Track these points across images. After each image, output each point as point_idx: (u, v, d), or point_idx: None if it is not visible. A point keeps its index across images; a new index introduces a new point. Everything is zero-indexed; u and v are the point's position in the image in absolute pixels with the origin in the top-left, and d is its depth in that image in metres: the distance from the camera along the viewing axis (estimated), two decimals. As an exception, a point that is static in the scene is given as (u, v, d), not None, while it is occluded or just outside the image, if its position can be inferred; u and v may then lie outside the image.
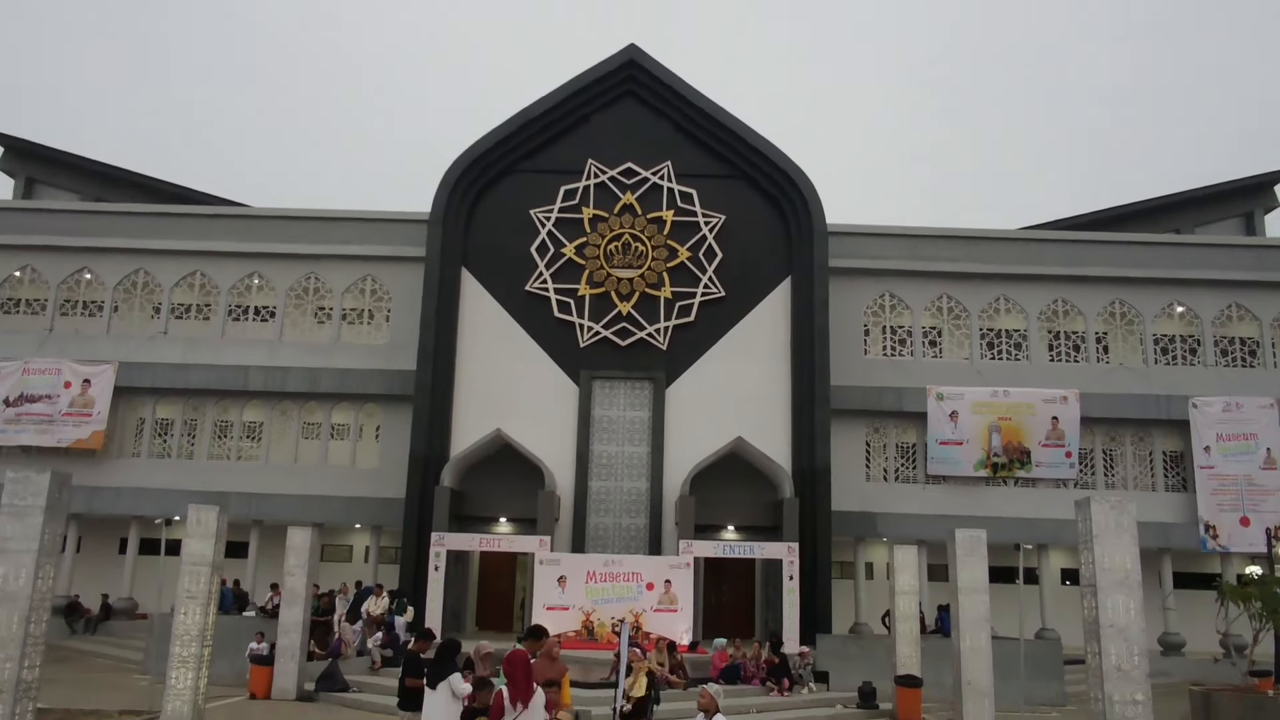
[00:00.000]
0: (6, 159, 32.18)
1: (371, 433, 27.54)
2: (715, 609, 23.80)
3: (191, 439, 27.86)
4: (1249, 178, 32.23)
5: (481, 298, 26.13)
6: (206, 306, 28.59)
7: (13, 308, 28.57)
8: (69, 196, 31.36)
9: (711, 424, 25.00)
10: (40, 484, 9.63)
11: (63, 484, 9.92)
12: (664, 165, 26.76)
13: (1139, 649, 9.19)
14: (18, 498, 9.55)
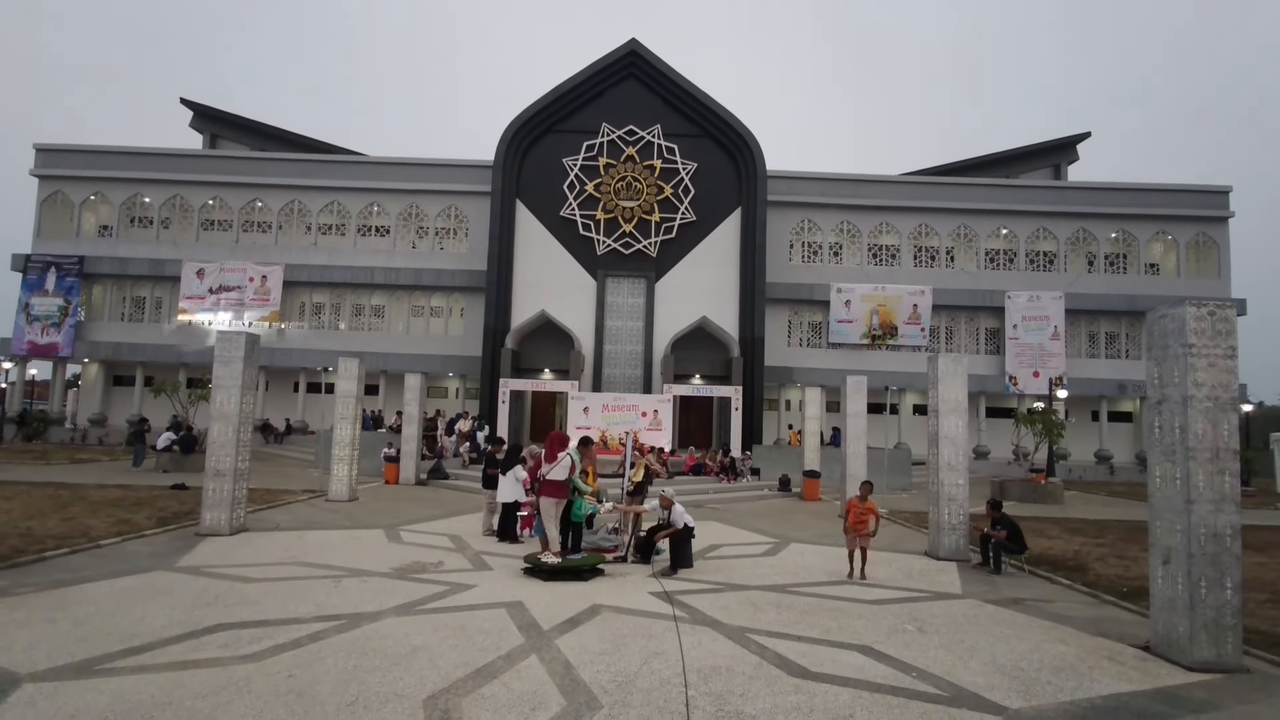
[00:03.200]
0: (196, 120, 31.16)
1: (457, 312, 27.85)
2: (686, 430, 24.73)
3: (337, 316, 28.22)
4: (1059, 139, 31.46)
5: (530, 220, 25.96)
6: (342, 226, 28.39)
7: (210, 226, 28.37)
8: (241, 148, 30.64)
9: (685, 307, 25.32)
10: (239, 341, 10.06)
11: (253, 342, 10.33)
12: (655, 127, 26.09)
13: (963, 453, 9.84)
14: (224, 350, 9.96)
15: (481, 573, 7.97)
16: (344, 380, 14.03)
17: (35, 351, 27.10)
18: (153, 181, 27.85)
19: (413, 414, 17.38)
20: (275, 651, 5.06)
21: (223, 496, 9.52)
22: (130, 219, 28.26)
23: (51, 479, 14.84)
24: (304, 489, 14.83)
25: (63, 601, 6.17)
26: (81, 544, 8.46)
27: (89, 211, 28.27)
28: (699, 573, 8.27)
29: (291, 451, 24.75)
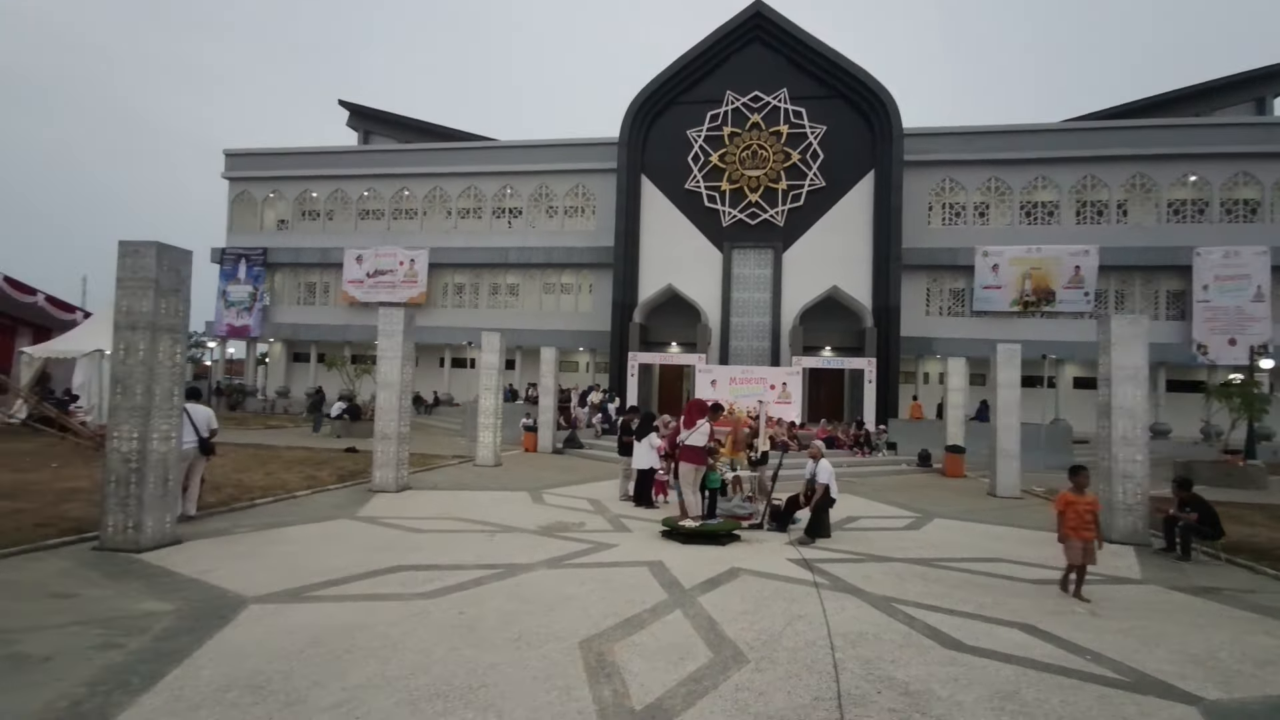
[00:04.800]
0: (352, 120, 34.11)
1: (586, 289, 28.71)
2: (815, 403, 24.07)
3: (476, 295, 30.06)
4: (1263, 67, 26.79)
5: (655, 195, 26.12)
6: (478, 209, 30.06)
7: (366, 216, 31.10)
8: (389, 142, 33.15)
9: (814, 276, 24.49)
10: (398, 315, 11.00)
11: (410, 315, 11.26)
12: (781, 91, 25.21)
13: (1141, 426, 8.89)
14: (387, 324, 10.92)
15: (621, 534, 8.30)
16: (487, 353, 14.96)
17: (232, 333, 31.26)
18: (318, 178, 30.93)
19: (549, 386, 18.22)
20: (445, 591, 5.60)
21: (389, 457, 10.56)
22: (301, 213, 31.60)
23: (251, 441, 17.12)
24: (453, 454, 16.03)
25: (271, 540, 7.17)
26: (280, 495, 9.75)
27: (269, 208, 31.94)
28: (837, 543, 8.12)
29: (439, 421, 26.81)
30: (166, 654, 4.11)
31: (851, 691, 3.96)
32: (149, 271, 6.20)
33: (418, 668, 4.06)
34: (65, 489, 9.42)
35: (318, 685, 3.78)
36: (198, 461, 7.97)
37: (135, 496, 6.24)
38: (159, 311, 6.27)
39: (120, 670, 3.86)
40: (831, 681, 4.08)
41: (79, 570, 5.77)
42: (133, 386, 6.24)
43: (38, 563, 5.95)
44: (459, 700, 3.68)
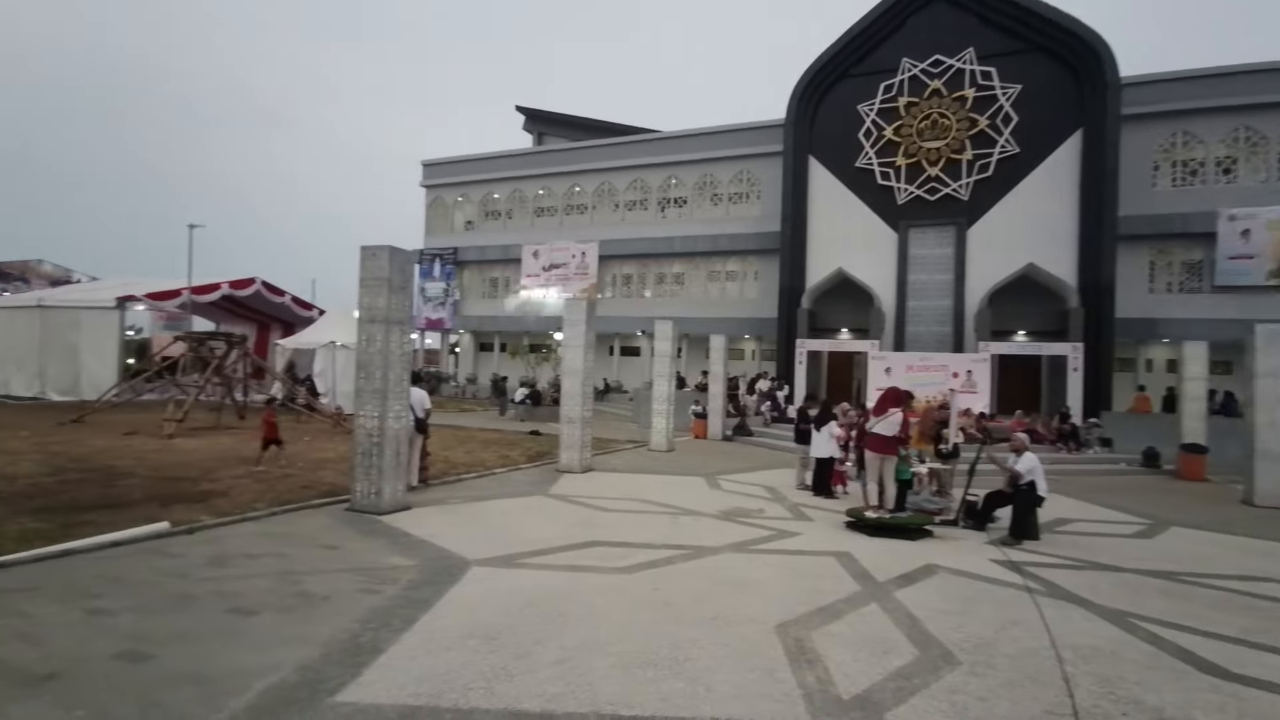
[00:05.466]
0: (527, 123, 36.53)
1: (752, 275, 28.39)
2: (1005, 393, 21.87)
3: (643, 285, 30.93)
4: None
5: (823, 175, 25.10)
6: (644, 201, 30.81)
7: (541, 213, 33.15)
8: (561, 141, 34.95)
9: (1005, 254, 22.17)
10: (581, 306, 11.63)
11: (591, 307, 11.87)
12: (967, 51, 23.00)
13: None
14: (571, 314, 11.57)
15: (802, 522, 8.17)
16: (660, 341, 15.37)
17: (429, 325, 34.97)
18: (499, 180, 33.51)
19: (718, 373, 18.34)
20: (639, 568, 5.88)
21: (574, 440, 11.25)
22: (485, 213, 34.43)
23: (449, 422, 19.06)
24: (627, 439, 16.69)
25: (480, 511, 7.97)
26: (481, 471, 10.79)
27: (458, 211, 35.19)
28: (1047, 546, 7.36)
29: (610, 408, 27.99)
30: (415, 602, 4.74)
31: (1090, 709, 3.60)
32: (383, 271, 7.14)
33: (624, 636, 4.32)
34: (318, 459, 11.15)
35: (539, 643, 4.16)
36: (415, 439, 9.04)
37: (376, 467, 7.24)
38: (391, 306, 7.20)
39: (382, 612, 4.52)
40: (1064, 696, 3.74)
41: (338, 527, 6.82)
42: (373, 372, 7.22)
43: (307, 519, 7.12)
44: (667, 670, 3.86)
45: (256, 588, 4.91)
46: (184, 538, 6.19)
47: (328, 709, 3.26)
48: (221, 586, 4.90)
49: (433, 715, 3.25)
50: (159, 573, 5.15)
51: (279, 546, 6.02)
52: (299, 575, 5.23)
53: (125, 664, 3.63)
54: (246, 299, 22.53)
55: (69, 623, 4.13)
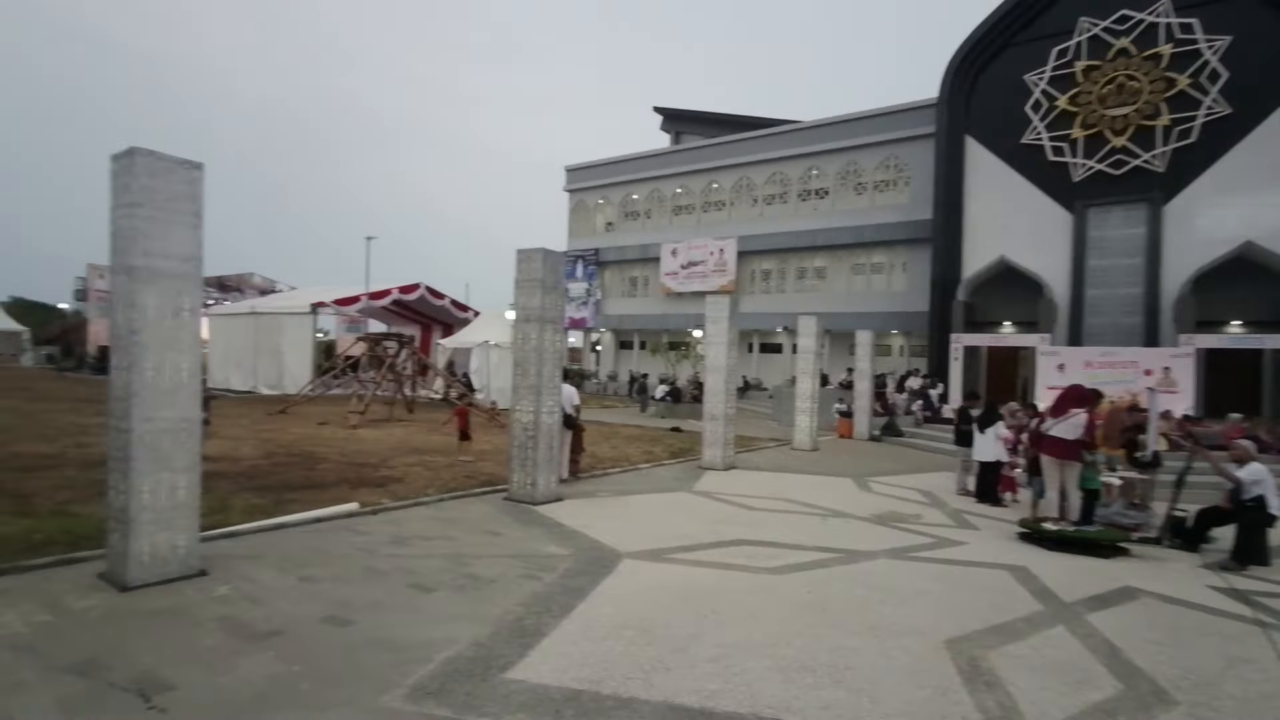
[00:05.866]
0: (665, 123, 36.99)
1: (899, 267, 26.81)
2: (1212, 392, 18.92)
3: (783, 280, 30.21)
4: None
5: (981, 156, 23.07)
6: (784, 194, 30.07)
7: (679, 211, 33.42)
8: (698, 139, 35.02)
9: (1214, 232, 19.16)
10: (723, 303, 11.53)
11: (734, 303, 11.74)
12: (1161, 3, 20.15)
13: None
14: (713, 311, 11.52)
15: (966, 531, 7.56)
16: (803, 337, 14.91)
17: (572, 325, 36.47)
18: (638, 181, 34.20)
19: (864, 370, 17.50)
20: (790, 570, 5.72)
21: (717, 437, 11.20)
22: (624, 214, 35.29)
23: (593, 418, 19.73)
24: (769, 438, 16.36)
25: (628, 505, 8.15)
26: (626, 466, 11.04)
27: (599, 213, 36.35)
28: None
29: (750, 406, 27.57)
30: (572, 590, 4.93)
31: (1359, 772, 2.98)
32: (537, 272, 7.50)
33: (779, 639, 4.20)
34: (477, 450, 11.96)
35: (694, 638, 4.15)
36: (564, 434, 9.40)
37: (531, 459, 7.63)
38: (545, 305, 7.55)
39: (543, 598, 4.75)
40: (1321, 752, 3.13)
41: (498, 515, 7.27)
42: (528, 369, 7.61)
43: (471, 506, 7.65)
44: (826, 677, 3.71)
45: (432, 567, 5.34)
46: (370, 517, 6.88)
47: (500, 684, 3.45)
48: (403, 564, 5.38)
49: (595, 701, 3.34)
50: (352, 547, 5.76)
51: (448, 530, 6.51)
52: (467, 558, 5.62)
53: (331, 627, 4.08)
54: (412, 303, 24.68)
55: (284, 587, 4.73)
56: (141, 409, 4.45)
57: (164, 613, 4.18)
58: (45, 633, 3.82)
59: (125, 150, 4.46)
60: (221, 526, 5.99)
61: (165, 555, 4.61)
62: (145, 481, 4.47)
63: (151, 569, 4.54)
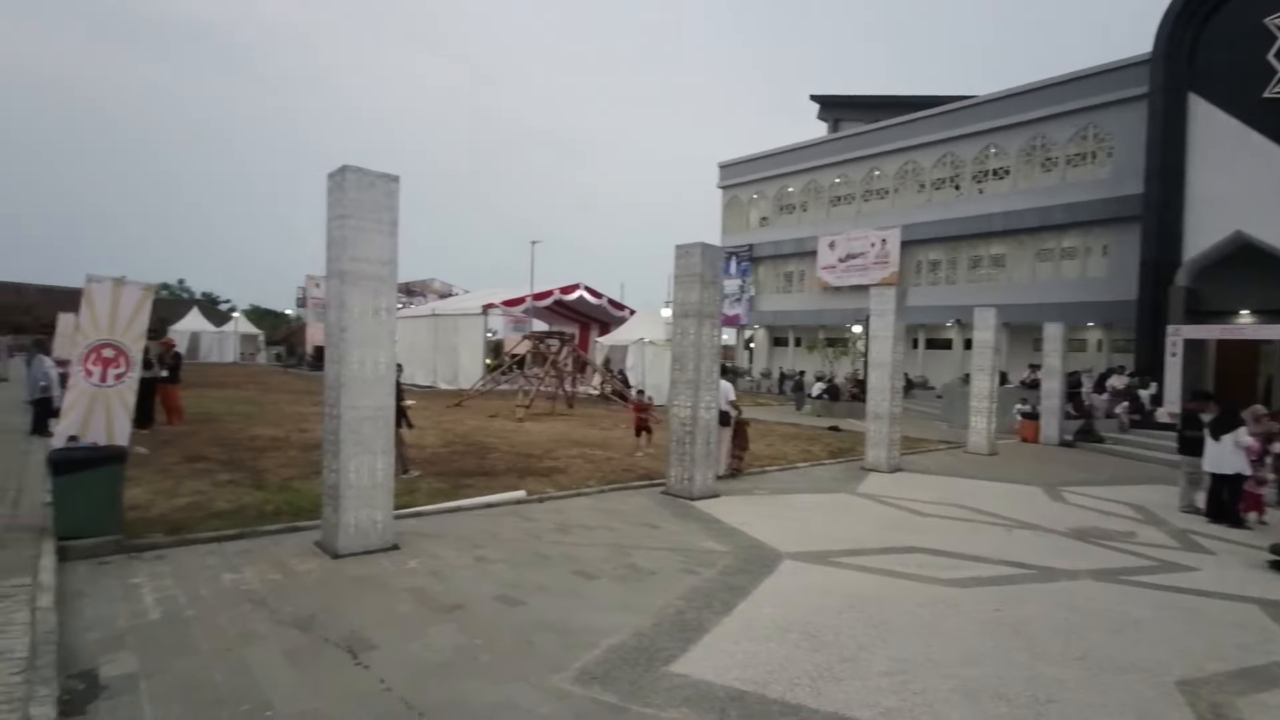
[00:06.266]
0: (822, 111, 35.58)
1: (1098, 250, 23.58)
2: None
3: (953, 270, 27.85)
4: None
5: (1209, 116, 19.58)
6: (955, 177, 27.68)
7: (837, 202, 32.00)
8: (858, 125, 33.28)
9: None
10: (889, 295, 10.76)
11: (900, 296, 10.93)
12: None
13: None
14: (878, 304, 10.80)
15: (1196, 554, 6.43)
16: (980, 331, 13.64)
17: (726, 322, 36.25)
18: (793, 173, 33.21)
19: (1055, 367, 15.66)
20: (972, 584, 5.19)
21: (881, 437, 10.53)
22: (779, 208, 34.44)
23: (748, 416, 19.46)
24: (938, 439, 15.13)
25: (786, 504, 7.89)
26: (784, 464, 10.73)
27: (753, 208, 35.81)
28: None
29: (915, 405, 25.71)
30: (732, 588, 4.83)
31: None
32: (695, 268, 7.48)
33: (965, 659, 3.81)
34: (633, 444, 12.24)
35: (864, 649, 3.89)
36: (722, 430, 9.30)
37: (689, 454, 7.63)
38: (703, 300, 7.51)
39: (703, 593, 4.70)
40: None
41: (655, 508, 7.35)
42: (686, 364, 7.62)
43: (629, 498, 7.82)
44: (1028, 710, 3.29)
45: (594, 555, 5.50)
46: (536, 505, 7.26)
47: (663, 676, 3.45)
48: (567, 550, 5.59)
49: (760, 704, 3.22)
50: (521, 532, 6.10)
51: (608, 521, 6.69)
52: (627, 548, 5.72)
53: (504, 605, 4.33)
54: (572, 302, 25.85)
55: (463, 565, 5.10)
56: (348, 398, 5.01)
57: (366, 580, 4.67)
58: (274, 590, 4.42)
59: (339, 168, 5.04)
60: (409, 507, 6.61)
61: (367, 529, 5.16)
62: (351, 462, 5.04)
63: (356, 540, 5.10)
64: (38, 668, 3.06)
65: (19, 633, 3.43)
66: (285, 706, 2.99)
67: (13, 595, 3.94)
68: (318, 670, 3.35)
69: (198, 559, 4.98)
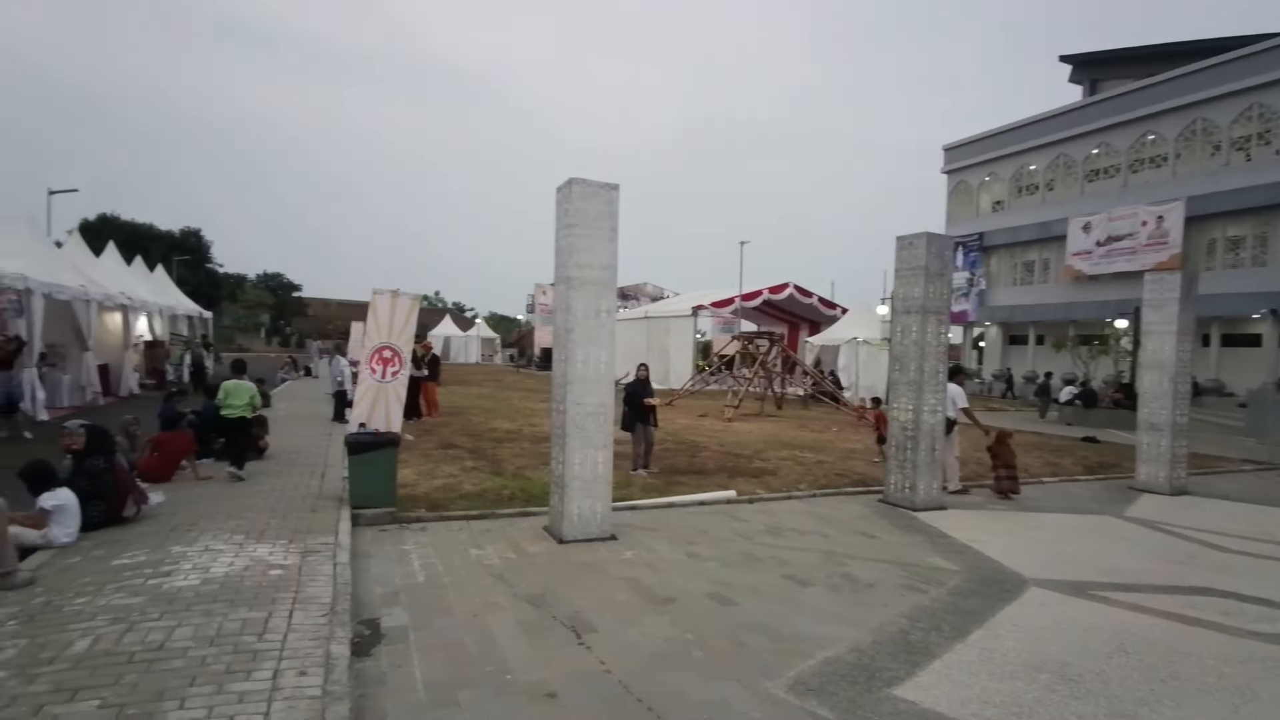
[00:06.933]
0: (1074, 74, 30.87)
1: None
2: None
3: (1263, 249, 22.45)
4: None
5: None
6: (1265, 133, 22.32)
7: (1094, 176, 27.57)
8: (1125, 83, 28.33)
9: None
10: (1173, 281, 8.97)
11: (1190, 280, 9.04)
12: None
13: None
14: (1155, 293, 9.07)
15: None
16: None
17: (952, 319, 33.03)
18: (1035, 149, 29.24)
19: None
20: (1302, 642, 4.10)
21: (1159, 451, 8.81)
22: (1018, 189, 30.55)
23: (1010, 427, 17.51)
24: (1241, 458, 12.33)
25: (1030, 523, 6.93)
26: (1026, 478, 9.44)
27: (984, 192, 32.21)
28: None
29: (1206, 415, 21.21)
30: (964, 612, 4.35)
31: None
32: (919, 260, 6.89)
33: (1293, 737, 3.01)
34: (846, 449, 11.68)
35: (1146, 705, 3.25)
36: (952, 438, 8.43)
37: (910, 461, 7.06)
38: (928, 295, 6.90)
39: (929, 613, 4.29)
40: None
41: (872, 517, 6.91)
42: (907, 364, 7.06)
43: (843, 504, 7.44)
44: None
45: (806, 561, 5.31)
46: (746, 505, 7.21)
47: (885, 699, 3.20)
48: (778, 554, 5.47)
49: (1004, 748, 2.84)
50: (731, 532, 6.10)
51: (821, 526, 6.43)
52: (841, 557, 5.44)
53: (716, 603, 4.35)
54: (781, 302, 25.43)
55: (676, 560, 5.23)
56: (574, 394, 5.41)
57: (587, 566, 5.00)
58: (510, 567, 4.91)
59: (566, 181, 5.48)
60: (625, 500, 6.95)
61: (588, 519, 5.52)
62: (575, 455, 5.43)
63: (579, 528, 5.48)
64: (336, 613, 3.72)
65: (324, 582, 4.21)
66: (521, 674, 3.29)
67: (320, 551, 4.85)
68: (546, 644, 3.65)
69: (451, 534, 5.72)
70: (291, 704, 2.73)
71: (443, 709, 2.94)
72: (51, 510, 4.81)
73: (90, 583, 4.08)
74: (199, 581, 4.11)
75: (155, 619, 3.52)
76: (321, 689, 2.86)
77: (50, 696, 2.72)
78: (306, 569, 4.44)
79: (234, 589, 4.01)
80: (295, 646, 3.27)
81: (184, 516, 5.65)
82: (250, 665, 3.05)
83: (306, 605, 3.81)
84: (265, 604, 3.79)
